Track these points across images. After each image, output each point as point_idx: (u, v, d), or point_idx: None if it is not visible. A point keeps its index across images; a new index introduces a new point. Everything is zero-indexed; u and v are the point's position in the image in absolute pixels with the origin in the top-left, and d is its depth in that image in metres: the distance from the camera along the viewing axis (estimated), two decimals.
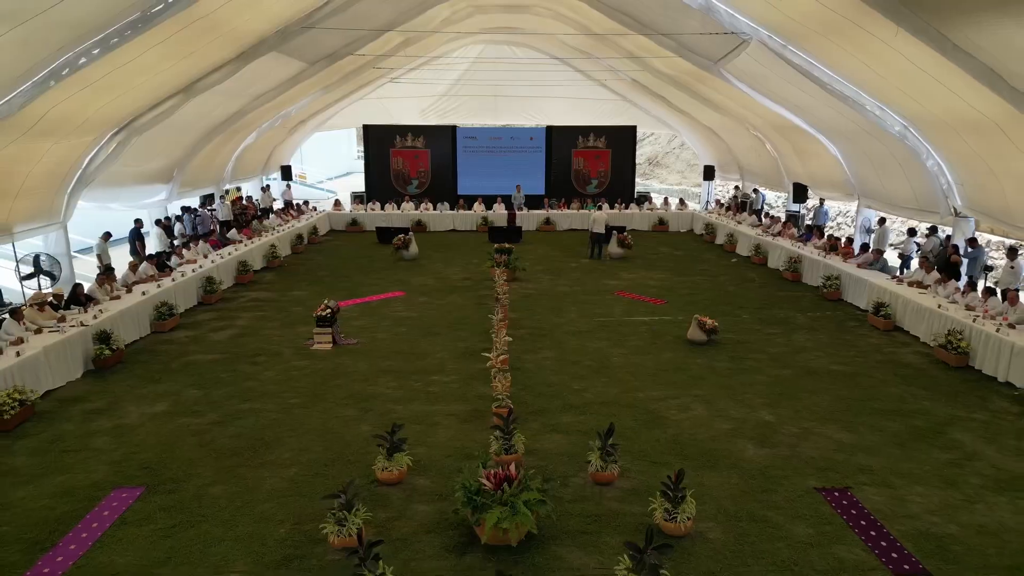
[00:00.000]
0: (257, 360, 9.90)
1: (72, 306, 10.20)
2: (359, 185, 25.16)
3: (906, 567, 5.27)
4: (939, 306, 10.40)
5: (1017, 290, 10.69)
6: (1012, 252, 11.36)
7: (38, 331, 9.14)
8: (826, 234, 16.36)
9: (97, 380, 9.19)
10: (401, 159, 23.63)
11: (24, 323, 9.15)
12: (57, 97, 8.95)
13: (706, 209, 22.67)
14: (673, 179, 33.61)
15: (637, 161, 26.79)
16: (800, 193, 18.77)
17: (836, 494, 6.31)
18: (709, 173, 24.54)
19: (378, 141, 23.57)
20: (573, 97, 24.26)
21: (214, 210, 18.24)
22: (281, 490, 6.39)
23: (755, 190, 22.11)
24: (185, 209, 17.17)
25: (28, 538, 5.67)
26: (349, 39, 14.52)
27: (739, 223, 19.08)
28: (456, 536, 5.67)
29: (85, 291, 10.59)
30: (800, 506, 6.13)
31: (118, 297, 10.99)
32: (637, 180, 25.91)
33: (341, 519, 5.36)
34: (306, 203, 21.94)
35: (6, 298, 11.48)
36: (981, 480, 6.58)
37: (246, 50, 11.87)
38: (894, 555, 5.41)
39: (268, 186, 23.09)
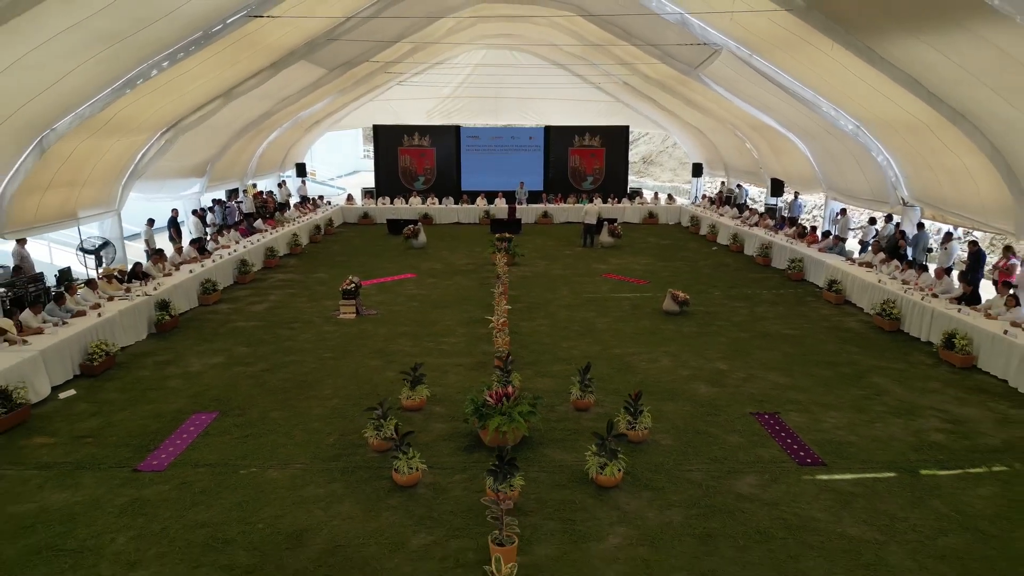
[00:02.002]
0: (292, 326, 11.57)
1: (132, 280, 11.87)
2: (365, 183, 26.82)
3: (809, 460, 6.93)
4: (879, 281, 12.05)
5: (948, 268, 12.39)
6: (947, 236, 13.01)
7: (109, 299, 10.82)
8: (798, 224, 17.98)
9: (160, 340, 10.88)
10: (408, 157, 25.30)
11: (98, 292, 10.84)
12: (127, 101, 10.64)
13: (693, 203, 24.31)
14: (666, 176, 35.28)
15: (632, 160, 28.47)
16: (777, 188, 20.41)
17: (766, 417, 7.97)
18: (697, 170, 26.19)
19: (387, 140, 25.24)
20: (570, 99, 25.91)
21: (240, 203, 19.92)
22: (326, 414, 8.06)
23: (738, 185, 23.76)
24: (216, 201, 18.85)
25: (134, 443, 7.34)
26: (365, 48, 16.18)
27: (721, 215, 20.72)
28: (465, 441, 7.33)
29: (143, 268, 12.26)
30: (736, 424, 7.78)
31: (169, 274, 12.65)
32: (632, 177, 27.57)
33: (379, 425, 7.02)
34: (320, 198, 23.61)
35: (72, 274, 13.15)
36: (884, 408, 8.23)
37: (278, 59, 13.55)
38: (802, 453, 7.07)
39: (284, 182, 24.77)
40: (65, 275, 12.30)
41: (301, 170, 26.02)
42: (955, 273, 12.20)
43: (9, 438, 7.48)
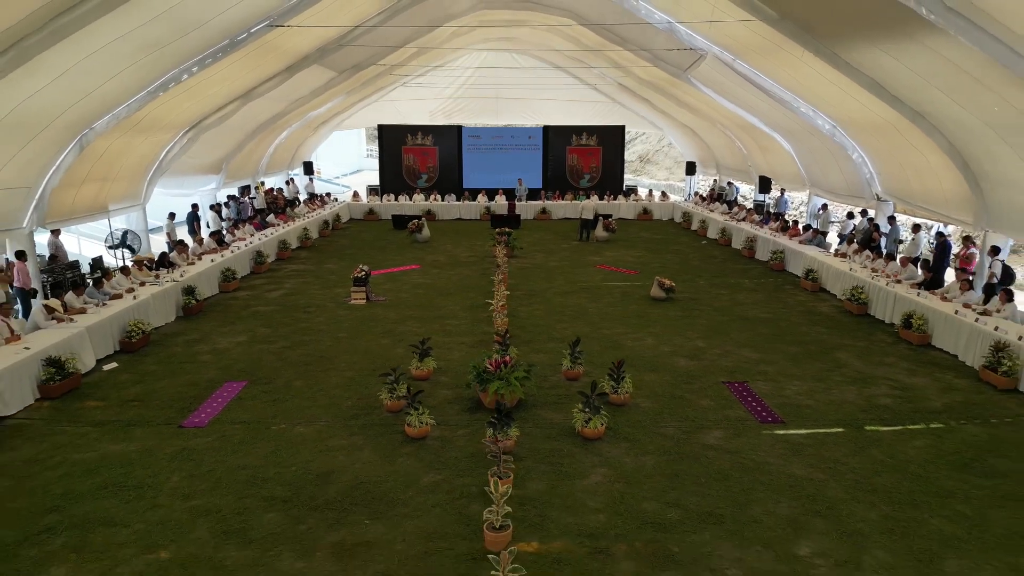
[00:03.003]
0: (308, 310, 12.55)
1: (160, 268, 12.85)
2: (368, 181, 27.79)
3: (769, 419, 7.90)
4: (851, 269, 13.01)
5: (916, 258, 13.36)
6: (915, 228, 13.98)
7: (141, 284, 11.81)
8: (783, 218, 18.94)
9: (188, 322, 11.86)
10: (412, 156, 26.27)
11: (130, 277, 11.82)
12: (157, 102, 11.61)
13: (686, 200, 25.27)
14: (662, 175, 36.26)
15: (630, 159, 29.41)
16: (765, 185, 21.36)
17: (736, 385, 8.94)
18: (691, 168, 27.17)
19: (391, 139, 26.21)
20: (568, 100, 26.88)
21: (253, 199, 20.91)
22: (344, 383, 9.03)
23: (729, 183, 24.72)
24: (230, 197, 19.83)
25: (176, 405, 8.32)
26: (373, 52, 17.14)
27: (711, 211, 21.68)
28: (468, 404, 8.31)
29: (169, 257, 13.24)
30: (708, 391, 8.76)
31: (192, 263, 13.63)
32: (630, 176, 28.51)
33: (392, 388, 7.99)
34: (328, 194, 24.58)
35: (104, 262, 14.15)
36: (842, 378, 9.20)
37: (293, 63, 14.52)
38: (764, 413, 8.04)
39: (292, 179, 25.75)
40: (98, 263, 13.29)
41: (308, 168, 27.01)
42: (913, 259, 13.17)
43: (64, 402, 8.47)
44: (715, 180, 26.35)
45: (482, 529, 5.55)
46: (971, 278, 11.34)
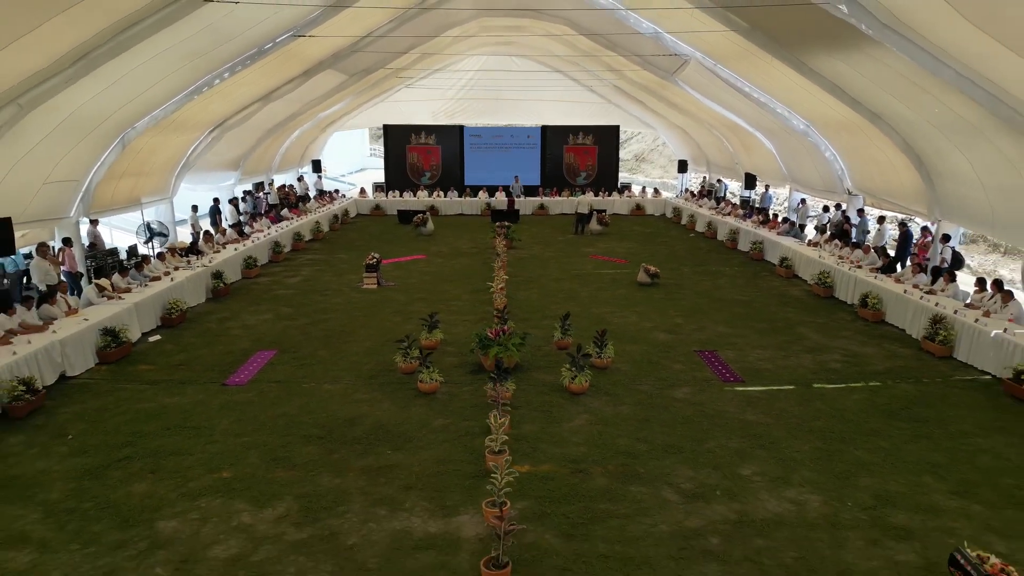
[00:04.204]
0: (324, 293, 13.79)
1: (190, 255, 14.10)
2: (371, 180, 29.02)
3: (732, 379, 9.15)
4: (819, 256, 14.25)
5: (882, 246, 14.58)
6: (880, 219, 15.23)
7: (175, 268, 13.06)
8: (766, 213, 20.18)
9: (217, 303, 13.12)
10: (416, 154, 27.53)
11: (166, 263, 13.08)
12: (190, 104, 12.85)
13: (677, 196, 26.50)
14: (656, 173, 37.51)
15: (626, 158, 30.62)
16: (750, 181, 22.61)
17: (706, 353, 10.19)
18: (682, 167, 28.41)
19: (396, 139, 27.46)
20: (565, 100, 28.09)
21: (268, 194, 22.17)
22: (362, 352, 10.27)
23: (718, 180, 25.97)
24: (246, 192, 21.10)
25: (217, 369, 9.57)
26: (382, 57, 18.39)
27: (700, 207, 22.92)
28: (471, 367, 9.56)
29: (198, 246, 14.50)
30: (681, 358, 10.00)
31: (218, 251, 14.89)
32: (626, 174, 29.73)
33: (405, 352, 9.24)
34: (336, 191, 25.83)
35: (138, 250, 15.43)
36: (801, 348, 10.45)
37: (309, 68, 15.77)
38: (727, 374, 9.29)
39: (302, 176, 27.00)
40: (133, 251, 14.55)
41: (317, 166, 28.26)
42: (878, 247, 14.42)
43: (119, 366, 9.73)
44: (705, 177, 27.59)
45: (484, 455, 6.79)
46: (921, 262, 12.57)
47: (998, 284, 10.44)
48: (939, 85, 9.55)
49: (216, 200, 18.63)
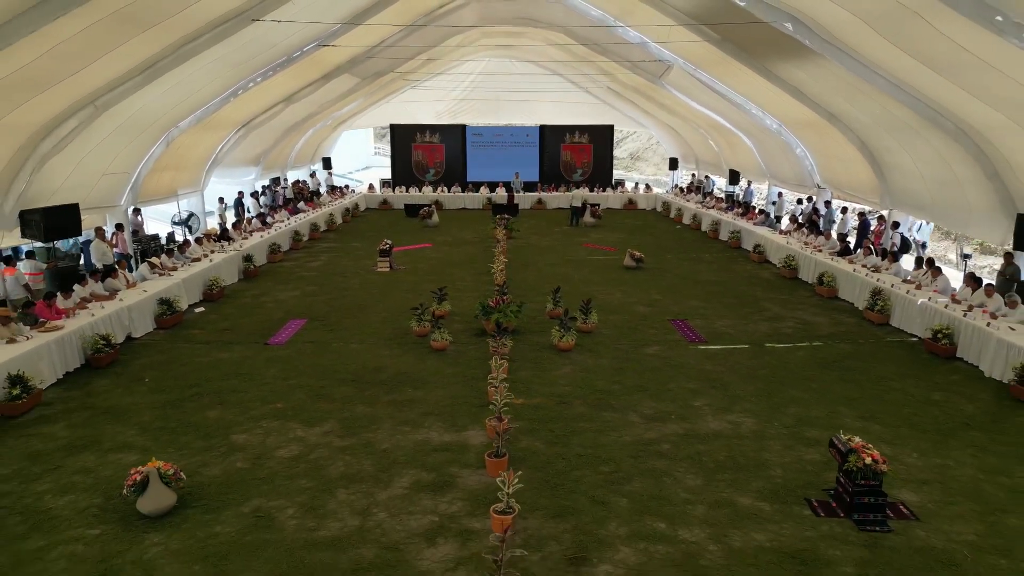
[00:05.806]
0: (343, 275, 15.42)
1: (222, 240, 15.73)
2: (376, 177, 30.64)
3: (696, 340, 10.78)
4: (787, 242, 15.88)
5: (844, 234, 16.21)
6: (843, 210, 16.86)
7: (212, 252, 14.70)
8: (744, 204, 21.80)
9: (248, 282, 14.76)
10: (421, 152, 29.15)
11: (203, 246, 14.72)
12: (227, 105, 14.47)
13: (667, 192, 28.12)
14: (651, 170, 39.15)
15: (621, 156, 32.21)
16: (734, 177, 24.22)
17: (678, 321, 11.81)
18: (673, 164, 30.03)
19: (402, 137, 29.09)
20: (562, 101, 29.67)
21: (285, 188, 23.82)
22: (381, 320, 11.91)
23: (706, 176, 27.59)
24: (264, 186, 22.74)
25: (258, 332, 11.20)
26: (392, 61, 20.00)
27: (687, 201, 24.54)
28: (475, 330, 11.19)
29: (229, 233, 16.14)
30: (656, 325, 11.63)
31: (246, 238, 16.52)
32: (621, 171, 31.32)
33: (419, 318, 10.87)
34: (347, 187, 27.45)
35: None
36: (761, 317, 12.07)
37: (328, 72, 17.39)
38: (693, 336, 10.92)
39: (314, 172, 28.63)
40: (171, 237, 16.19)
41: (327, 163, 29.88)
42: (840, 234, 16.05)
43: (174, 331, 11.36)
44: (693, 174, 29.20)
45: (487, 393, 8.41)
46: (875, 246, 14.19)
47: (930, 262, 12.07)
48: (875, 91, 11.17)
49: (240, 193, 20.28)
